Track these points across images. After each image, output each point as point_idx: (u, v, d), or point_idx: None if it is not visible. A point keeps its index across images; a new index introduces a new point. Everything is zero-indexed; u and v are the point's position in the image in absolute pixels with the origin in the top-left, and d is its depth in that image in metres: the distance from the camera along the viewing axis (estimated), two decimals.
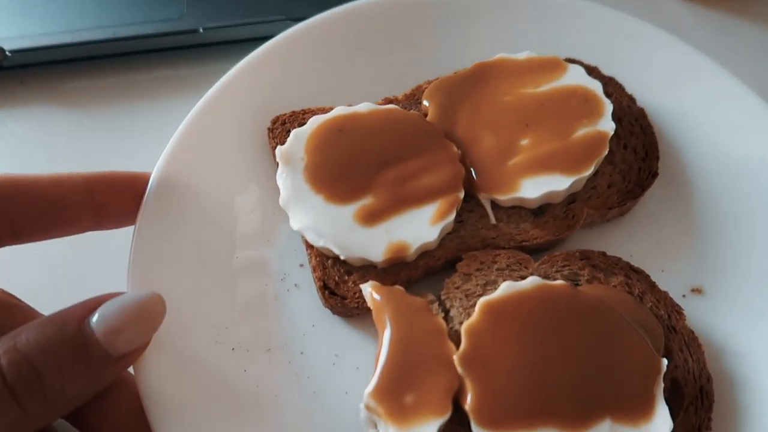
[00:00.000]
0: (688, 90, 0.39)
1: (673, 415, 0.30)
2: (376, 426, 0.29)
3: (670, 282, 0.35)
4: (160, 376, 0.30)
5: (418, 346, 0.29)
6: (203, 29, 0.43)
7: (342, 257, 0.32)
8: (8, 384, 0.24)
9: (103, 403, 0.28)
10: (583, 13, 0.42)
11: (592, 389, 0.28)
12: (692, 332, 0.32)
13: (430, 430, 0.27)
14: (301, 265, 0.36)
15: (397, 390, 0.28)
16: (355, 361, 0.33)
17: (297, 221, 0.33)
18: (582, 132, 0.35)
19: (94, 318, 0.26)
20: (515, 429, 0.27)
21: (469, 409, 0.28)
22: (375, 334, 0.32)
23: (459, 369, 0.28)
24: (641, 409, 0.28)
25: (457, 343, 0.29)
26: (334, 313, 0.34)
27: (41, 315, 0.32)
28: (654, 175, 0.37)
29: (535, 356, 0.29)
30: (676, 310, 0.33)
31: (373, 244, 0.32)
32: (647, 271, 0.35)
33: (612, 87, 0.39)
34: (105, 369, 0.27)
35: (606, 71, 0.40)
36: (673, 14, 0.48)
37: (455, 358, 0.28)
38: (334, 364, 0.33)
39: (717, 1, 0.48)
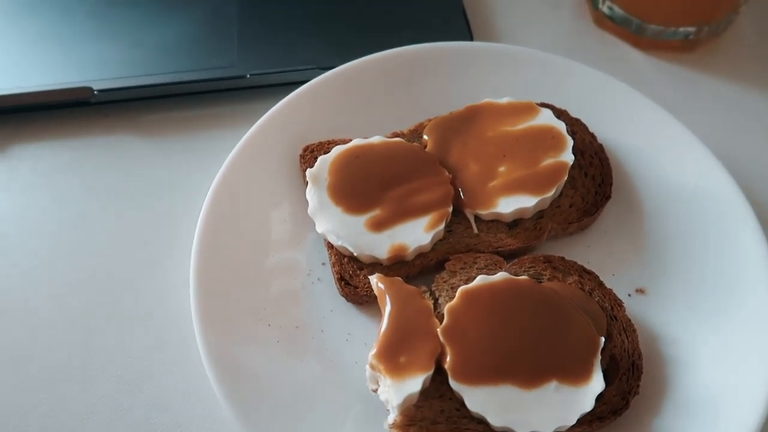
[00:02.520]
0: (639, 130, 0.48)
1: (611, 382, 0.38)
2: (377, 382, 0.38)
3: (619, 283, 0.43)
4: (218, 340, 0.39)
5: (411, 321, 0.37)
6: (250, 75, 0.52)
7: (355, 254, 0.41)
8: None
9: None
10: (557, 66, 0.50)
11: (544, 357, 0.37)
12: (629, 320, 0.40)
13: (418, 383, 0.35)
14: (323, 264, 0.45)
15: (394, 352, 0.36)
16: (363, 339, 0.42)
17: (321, 226, 0.42)
18: (547, 162, 0.44)
19: None
20: (481, 384, 0.36)
21: (447, 368, 0.36)
22: (379, 318, 0.41)
23: (441, 338, 0.37)
24: (582, 375, 0.36)
25: (442, 322, 0.38)
26: (348, 300, 0.43)
27: None
28: (607, 197, 0.45)
29: (500, 331, 0.37)
30: (618, 303, 0.41)
31: (380, 245, 0.41)
32: (600, 275, 0.43)
33: (577, 126, 0.48)
34: None
35: (573, 114, 0.48)
36: (638, 66, 0.56)
37: (439, 330, 0.37)
38: (347, 340, 0.42)
39: (676, 56, 0.57)
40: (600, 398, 0.36)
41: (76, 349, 0.44)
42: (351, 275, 0.42)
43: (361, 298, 0.42)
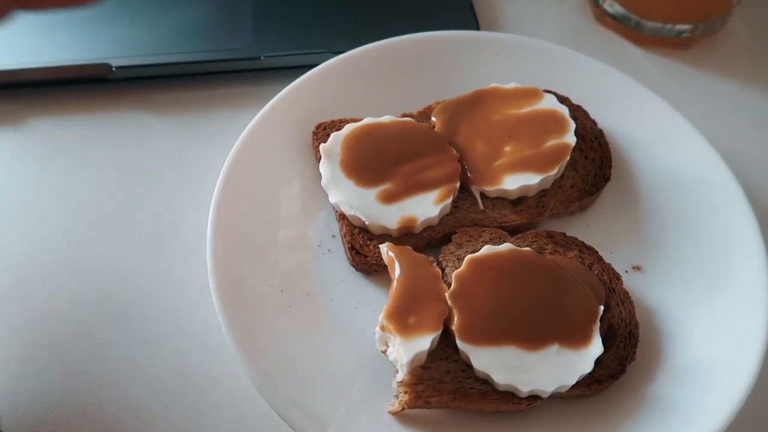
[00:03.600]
0: (638, 117, 0.50)
1: (608, 348, 0.40)
2: (386, 343, 0.39)
3: (616, 261, 0.45)
4: (233, 304, 0.40)
5: (420, 285, 0.39)
6: (264, 57, 0.54)
7: (367, 223, 0.43)
8: None
9: None
10: (561, 56, 0.52)
11: (546, 322, 0.38)
12: (627, 292, 0.42)
13: (427, 341, 0.37)
14: (333, 236, 0.46)
15: (403, 313, 0.38)
16: (371, 307, 0.43)
17: (334, 197, 0.44)
18: (551, 143, 0.46)
19: None
20: (486, 345, 0.37)
21: (455, 329, 0.38)
22: (387, 287, 0.43)
23: (449, 302, 0.39)
24: (582, 339, 0.38)
25: (449, 287, 0.40)
26: (357, 269, 0.45)
27: None
28: (607, 179, 0.47)
29: (505, 296, 0.39)
30: (616, 277, 0.43)
31: (390, 216, 0.43)
32: (599, 252, 0.45)
33: (579, 112, 0.50)
34: None
35: (575, 101, 0.51)
36: (636, 61, 0.59)
37: (446, 295, 0.39)
38: (356, 307, 0.43)
39: (673, 52, 0.60)
40: (598, 363, 0.38)
41: (93, 316, 0.45)
42: (361, 245, 0.44)
43: (370, 267, 0.44)
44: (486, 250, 0.41)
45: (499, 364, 0.37)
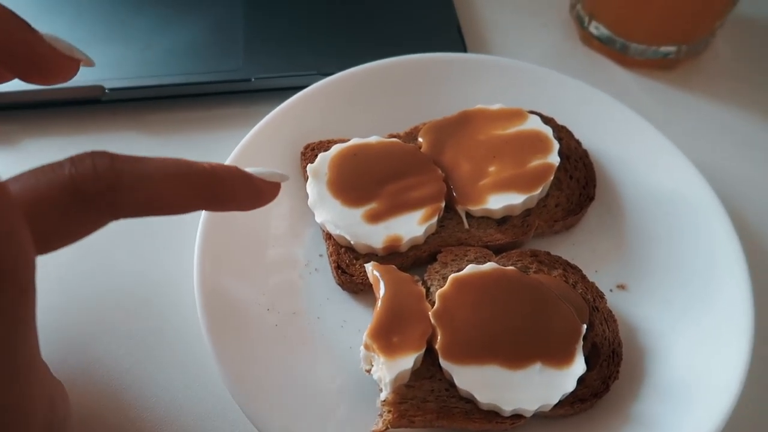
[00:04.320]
0: (622, 139, 0.51)
1: (592, 367, 0.40)
2: (371, 363, 0.39)
3: (601, 279, 0.45)
4: (217, 320, 0.41)
5: (404, 304, 0.39)
6: (254, 79, 0.55)
7: (352, 243, 0.44)
8: None
9: None
10: (546, 77, 0.53)
11: (529, 341, 0.39)
12: (610, 311, 0.43)
13: (410, 361, 0.37)
14: (320, 255, 0.47)
15: (387, 332, 0.38)
16: (357, 326, 0.44)
17: (320, 216, 0.44)
18: (535, 163, 0.47)
19: None
20: (469, 364, 0.38)
21: (438, 348, 0.38)
22: (373, 307, 0.43)
23: (432, 321, 0.39)
24: (565, 359, 0.38)
25: (433, 307, 0.40)
26: (343, 288, 0.45)
27: None
28: (591, 198, 0.48)
29: (488, 315, 0.39)
30: (599, 296, 0.43)
31: (376, 235, 0.43)
32: (584, 271, 0.45)
33: (563, 133, 0.51)
34: None
35: (560, 122, 0.51)
36: (622, 82, 0.60)
37: (430, 314, 0.39)
38: (341, 326, 0.44)
39: (658, 74, 0.61)
40: (581, 381, 0.38)
41: (80, 337, 0.45)
42: (347, 264, 0.44)
43: (356, 286, 0.44)
44: (470, 269, 0.41)
45: (482, 383, 0.37)
